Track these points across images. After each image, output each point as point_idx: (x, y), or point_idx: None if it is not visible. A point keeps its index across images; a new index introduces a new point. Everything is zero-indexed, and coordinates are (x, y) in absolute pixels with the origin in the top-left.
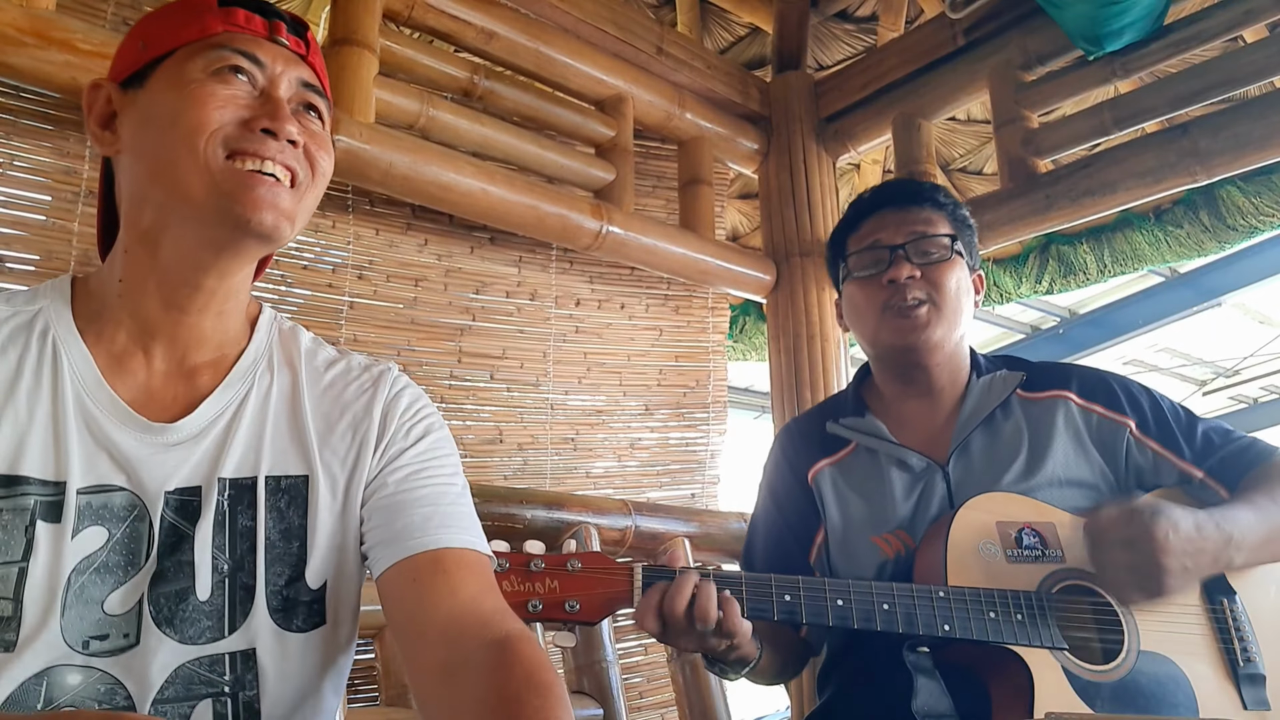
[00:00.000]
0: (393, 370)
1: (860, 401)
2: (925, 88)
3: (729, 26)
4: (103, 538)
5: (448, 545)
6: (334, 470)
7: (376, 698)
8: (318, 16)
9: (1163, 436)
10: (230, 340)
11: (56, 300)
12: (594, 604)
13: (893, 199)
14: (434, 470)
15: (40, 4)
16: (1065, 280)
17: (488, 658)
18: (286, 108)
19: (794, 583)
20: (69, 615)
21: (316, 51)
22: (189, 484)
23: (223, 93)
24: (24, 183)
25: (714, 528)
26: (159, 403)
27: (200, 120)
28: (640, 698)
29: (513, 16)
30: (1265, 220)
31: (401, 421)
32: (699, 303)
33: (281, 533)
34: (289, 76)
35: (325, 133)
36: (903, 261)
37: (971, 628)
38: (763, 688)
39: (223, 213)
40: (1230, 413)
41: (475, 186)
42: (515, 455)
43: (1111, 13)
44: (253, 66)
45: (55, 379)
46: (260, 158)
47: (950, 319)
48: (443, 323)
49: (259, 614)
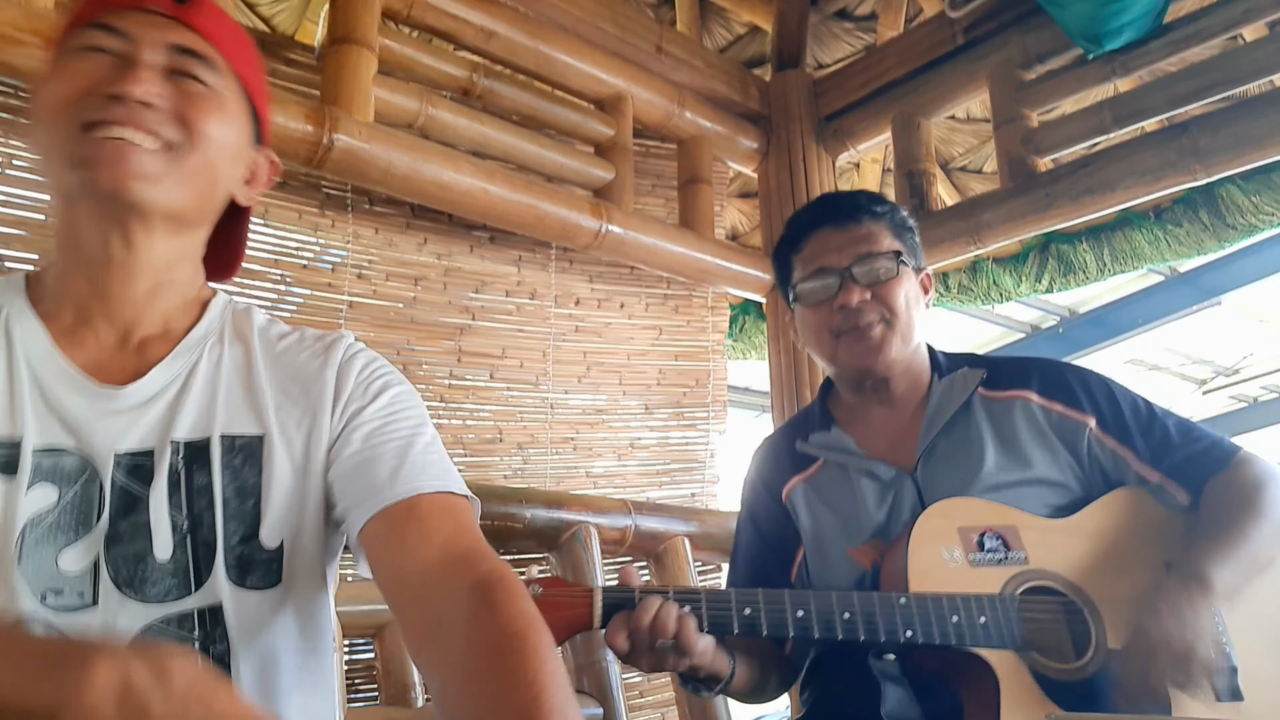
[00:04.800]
0: (346, 337)
1: (827, 415)
2: (925, 87)
3: (728, 25)
4: (53, 496)
5: (418, 492)
6: (289, 431)
7: (376, 697)
8: (316, 15)
9: (1120, 434)
10: (177, 318)
11: (10, 287)
12: (555, 627)
13: (830, 216)
14: (398, 422)
15: (40, 3)
16: (1065, 279)
17: (464, 609)
18: (140, 70)
19: (754, 596)
20: (25, 566)
21: (208, 12)
22: (141, 448)
23: (76, 67)
24: (24, 182)
25: (713, 527)
26: (108, 371)
27: (56, 98)
28: (640, 697)
29: (512, 15)
30: (1265, 219)
31: (359, 381)
32: (699, 302)
33: (236, 490)
34: (153, 41)
35: (214, 96)
36: (851, 285)
37: (934, 632)
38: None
39: (82, 182)
40: (1230, 412)
41: (475, 185)
42: (515, 454)
43: (1111, 11)
44: (111, 39)
45: (9, 350)
46: (107, 123)
47: (905, 333)
48: (442, 322)
49: (219, 571)
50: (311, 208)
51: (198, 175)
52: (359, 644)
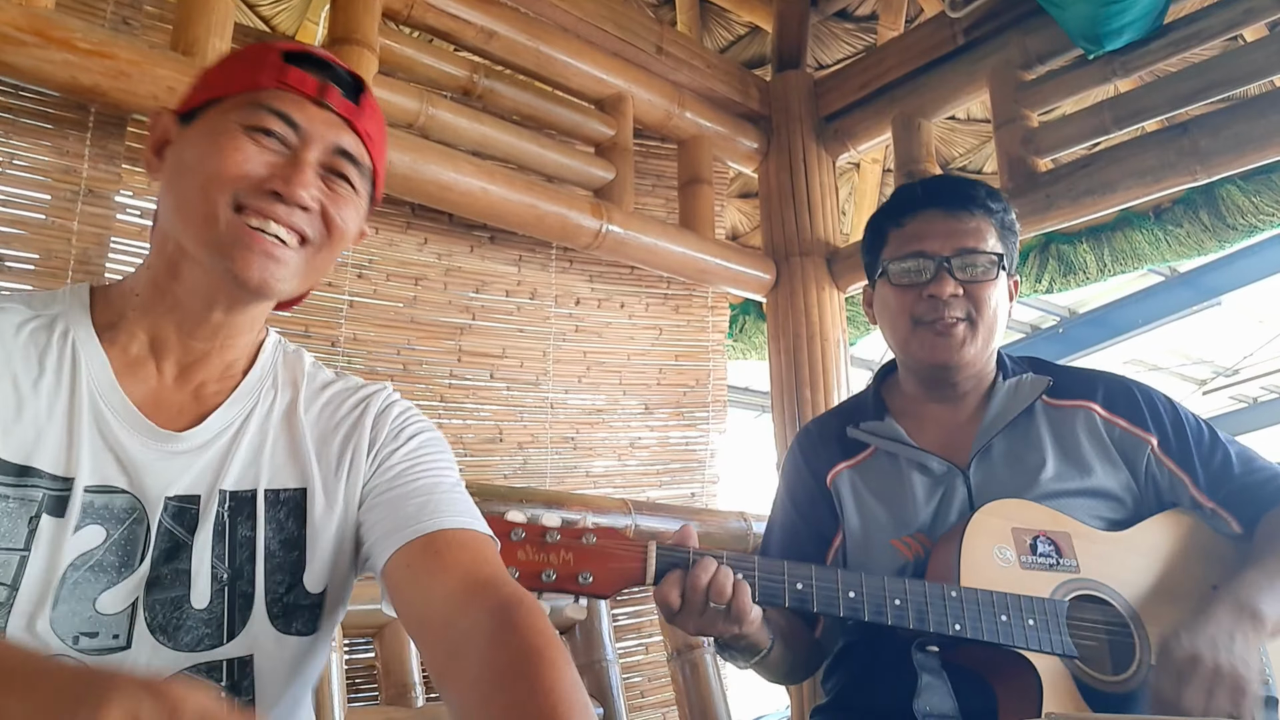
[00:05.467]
0: (386, 388)
1: (880, 403)
2: (925, 87)
3: (729, 25)
4: (101, 536)
5: (442, 527)
6: (329, 481)
7: (376, 697)
8: (317, 16)
9: (1181, 458)
10: (238, 359)
11: (75, 306)
12: (607, 578)
13: (943, 199)
14: (427, 464)
15: (40, 3)
16: (1065, 279)
17: (485, 630)
18: (307, 173)
19: (807, 571)
20: (60, 609)
21: (370, 115)
22: (189, 492)
23: (248, 148)
24: (24, 182)
25: (714, 527)
26: (167, 411)
27: (218, 170)
28: (641, 697)
29: (512, 15)
30: (1265, 219)
31: (392, 428)
32: (699, 302)
33: (281, 542)
34: (324, 142)
35: (355, 197)
36: (946, 277)
37: (982, 629)
38: (763, 688)
39: (217, 263)
40: (1230, 412)
41: (475, 185)
42: (515, 454)
43: (1111, 12)
44: (286, 129)
45: (73, 378)
46: (265, 217)
47: (986, 337)
48: (442, 322)
49: (258, 620)
50: None
51: (323, 267)
52: (359, 644)
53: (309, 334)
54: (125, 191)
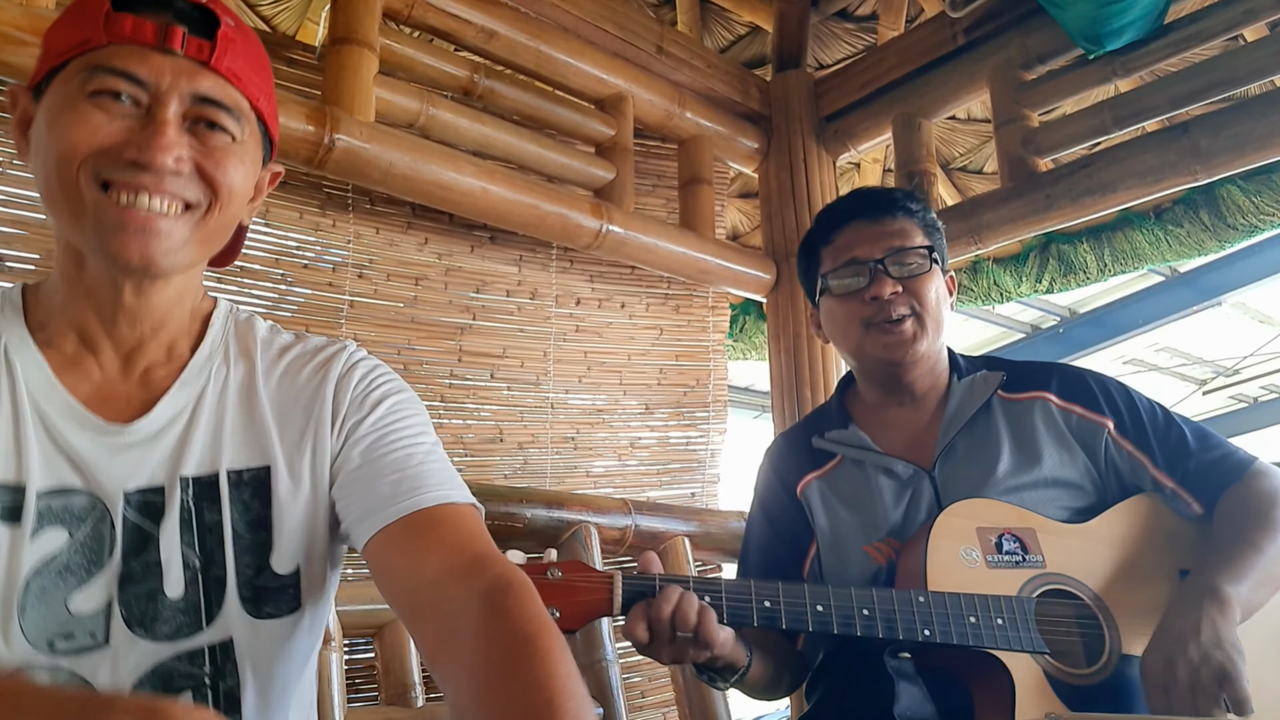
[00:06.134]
0: (348, 347)
1: (844, 412)
2: (925, 87)
3: (729, 25)
4: (63, 539)
5: (420, 506)
6: (293, 457)
7: (376, 697)
8: (317, 15)
9: (1138, 439)
10: (180, 338)
11: (6, 308)
12: (574, 612)
13: (865, 210)
14: (396, 434)
15: (40, 3)
16: (1065, 279)
17: (475, 617)
18: (166, 133)
19: (773, 589)
20: (29, 616)
21: (232, 48)
22: (151, 484)
23: (95, 117)
24: (24, 182)
25: (714, 527)
26: (114, 404)
27: (69, 149)
28: (641, 697)
29: (513, 15)
30: (1265, 219)
31: (355, 394)
32: (699, 302)
33: (248, 524)
34: (180, 92)
35: (236, 145)
36: (883, 277)
37: (952, 632)
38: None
39: (100, 247)
40: (1230, 412)
41: (475, 185)
42: (515, 454)
43: (1112, 12)
44: (133, 87)
45: (11, 383)
46: (133, 190)
47: (933, 329)
48: (443, 322)
49: (231, 605)
50: (312, 208)
51: (219, 231)
52: (359, 644)
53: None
54: None
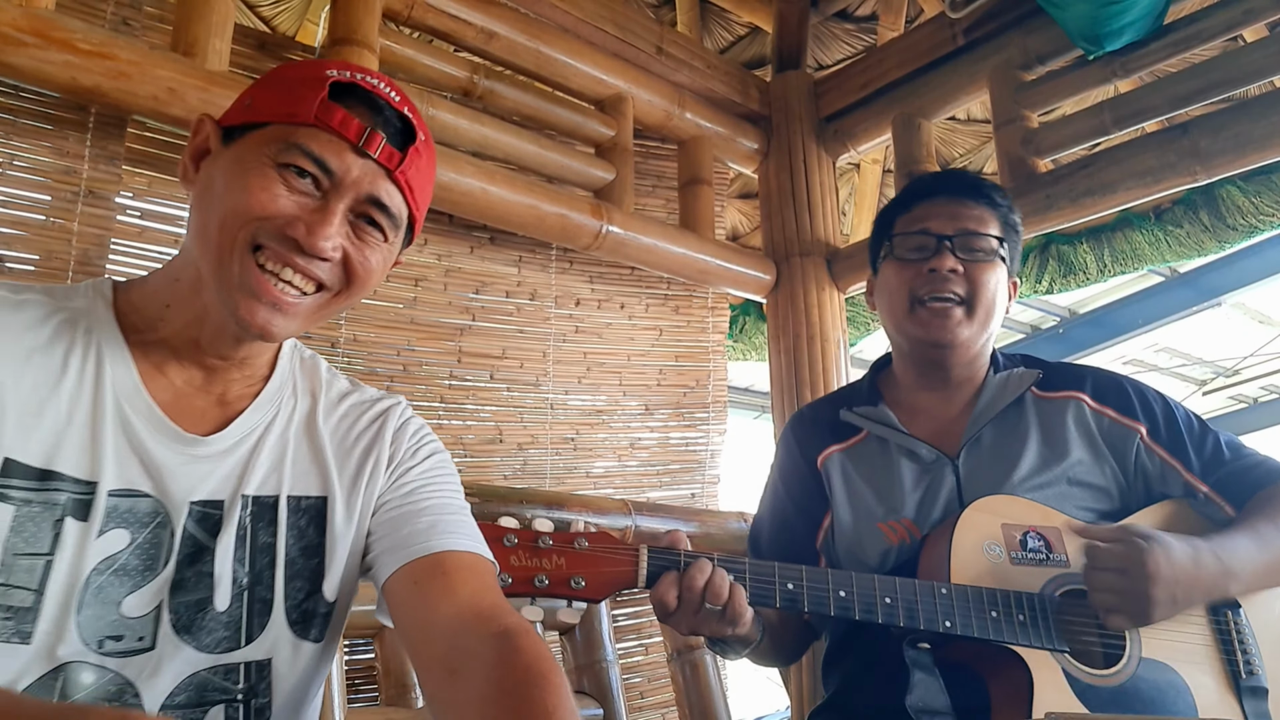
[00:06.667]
0: (400, 402)
1: (875, 391)
2: (925, 87)
3: (729, 26)
4: (125, 540)
5: (449, 549)
6: (349, 493)
7: (376, 698)
8: (317, 16)
9: (1172, 445)
10: (258, 367)
11: (99, 303)
12: (599, 582)
13: (950, 188)
14: (438, 485)
15: (40, 4)
16: (1065, 280)
17: (489, 652)
18: (333, 223)
19: (797, 572)
20: (85, 613)
21: (416, 163)
22: (213, 497)
23: (276, 187)
24: (24, 182)
25: (714, 527)
26: (191, 415)
27: (243, 207)
28: (640, 698)
29: (512, 16)
30: (1265, 220)
31: (409, 444)
32: (699, 302)
33: (302, 550)
34: (357, 191)
35: (385, 246)
36: (947, 253)
37: (973, 625)
38: (763, 689)
39: (224, 300)
40: (1230, 413)
41: (475, 186)
42: (515, 455)
43: (1112, 12)
44: (321, 173)
45: (97, 380)
46: (281, 263)
47: (982, 320)
48: (443, 322)
49: (276, 625)
50: None
51: (337, 310)
52: (359, 644)
53: (309, 335)
54: (125, 192)
